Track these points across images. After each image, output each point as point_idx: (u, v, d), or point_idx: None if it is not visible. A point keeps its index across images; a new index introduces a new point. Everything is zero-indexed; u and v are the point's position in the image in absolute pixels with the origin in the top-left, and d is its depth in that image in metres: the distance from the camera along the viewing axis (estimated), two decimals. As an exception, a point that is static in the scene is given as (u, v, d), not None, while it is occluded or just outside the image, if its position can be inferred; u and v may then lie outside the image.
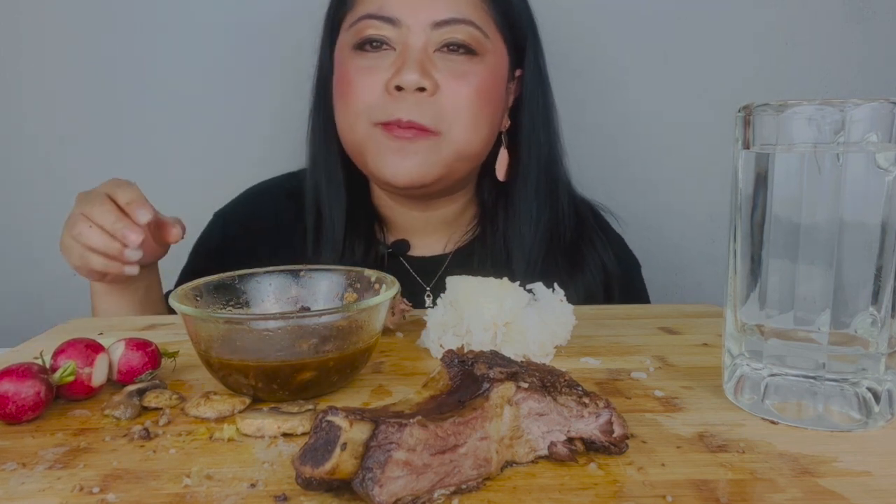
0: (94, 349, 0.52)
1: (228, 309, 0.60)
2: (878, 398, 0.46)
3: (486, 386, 0.40)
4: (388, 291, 0.55)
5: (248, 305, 0.61)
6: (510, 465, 0.41)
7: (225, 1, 1.21)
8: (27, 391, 0.47)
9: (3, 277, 1.25)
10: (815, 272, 0.45)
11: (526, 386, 0.41)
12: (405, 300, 0.72)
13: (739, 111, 0.48)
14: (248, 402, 0.51)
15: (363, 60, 0.88)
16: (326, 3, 0.96)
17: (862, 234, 0.44)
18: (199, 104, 1.23)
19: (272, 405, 0.50)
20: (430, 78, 0.84)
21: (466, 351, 0.45)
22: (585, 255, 0.97)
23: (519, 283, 0.64)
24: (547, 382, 0.43)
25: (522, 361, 0.45)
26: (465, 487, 0.38)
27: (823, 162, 0.44)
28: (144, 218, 0.76)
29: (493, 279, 0.64)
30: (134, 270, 0.79)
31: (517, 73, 0.96)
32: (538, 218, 0.95)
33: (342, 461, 0.35)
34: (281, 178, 1.06)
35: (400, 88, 0.84)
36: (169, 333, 0.71)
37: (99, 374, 0.52)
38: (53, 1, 1.19)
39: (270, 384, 0.50)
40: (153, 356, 0.56)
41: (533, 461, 0.42)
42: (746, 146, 0.48)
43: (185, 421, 0.49)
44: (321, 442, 0.36)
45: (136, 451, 0.44)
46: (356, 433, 0.36)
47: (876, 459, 0.42)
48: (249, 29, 1.21)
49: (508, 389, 0.41)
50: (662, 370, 0.59)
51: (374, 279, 0.60)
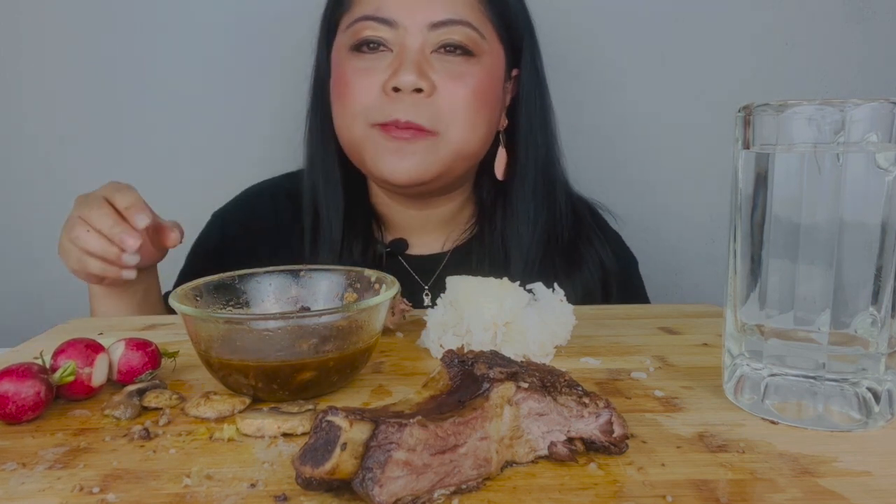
0: (94, 349, 0.52)
1: (228, 309, 0.60)
2: (878, 398, 0.46)
3: (486, 386, 0.40)
4: (388, 291, 0.55)
5: (248, 305, 0.61)
6: (510, 465, 0.41)
7: (225, 1, 1.21)
8: (27, 391, 0.47)
9: (3, 277, 1.25)
10: (815, 272, 0.45)
11: (526, 386, 0.41)
12: (405, 300, 0.72)
13: (739, 111, 0.48)
14: (248, 402, 0.51)
15: (360, 62, 0.88)
16: (325, 3, 0.96)
17: (862, 234, 0.44)
18: (198, 104, 1.23)
19: (272, 405, 0.50)
20: (427, 79, 0.84)
21: (466, 351, 0.45)
22: (583, 253, 0.97)
23: (518, 282, 0.65)
24: (547, 382, 0.43)
25: (522, 361, 0.45)
26: (465, 487, 0.38)
27: (823, 162, 0.44)
28: (143, 222, 0.76)
29: (493, 279, 0.64)
30: (131, 275, 0.79)
31: (514, 73, 0.96)
32: (536, 218, 0.95)
33: (342, 461, 0.35)
34: (279, 178, 1.06)
35: (397, 90, 0.84)
36: (169, 333, 0.71)
37: (99, 374, 0.52)
38: (53, 1, 1.19)
39: (270, 384, 0.50)
40: (153, 356, 0.56)
41: (533, 461, 0.42)
42: (746, 146, 0.48)
43: (185, 421, 0.49)
44: (321, 442, 0.36)
45: (136, 451, 0.44)
46: (356, 433, 0.36)
47: (876, 459, 0.42)
48: (249, 29, 1.21)
49: (508, 389, 0.41)
50: (662, 370, 0.59)
51: (374, 279, 0.60)
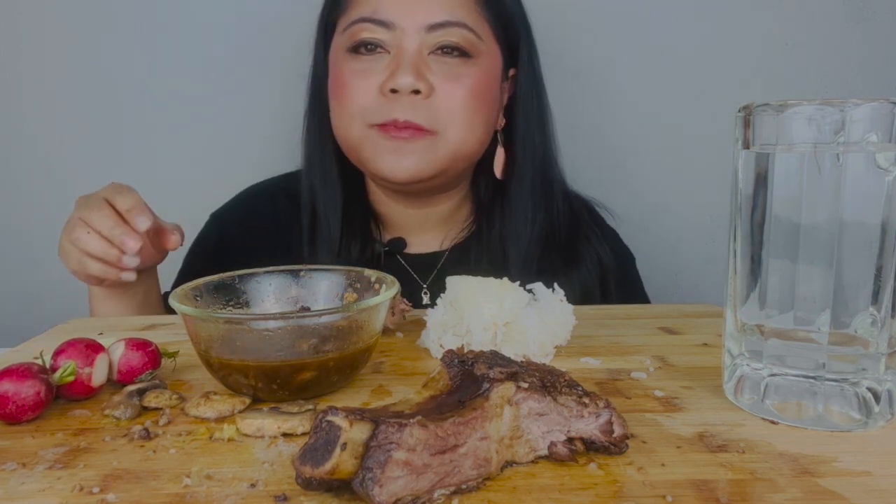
0: (94, 349, 0.52)
1: (228, 309, 0.60)
2: (878, 398, 0.46)
3: (486, 386, 0.40)
4: (388, 291, 0.55)
5: (248, 305, 0.61)
6: (510, 465, 0.41)
7: (225, 1, 1.21)
8: (27, 391, 0.47)
9: (3, 277, 1.25)
10: (815, 272, 0.45)
11: (526, 386, 0.41)
12: (405, 300, 0.72)
13: (739, 111, 0.48)
14: (248, 402, 0.51)
15: (358, 63, 0.88)
16: (322, 3, 0.96)
17: (862, 234, 0.44)
18: (198, 104, 1.23)
19: (272, 405, 0.50)
20: (424, 80, 0.85)
21: (466, 351, 0.45)
22: (581, 251, 0.98)
23: (518, 281, 0.64)
24: (547, 382, 0.43)
25: (522, 361, 0.45)
26: (465, 487, 0.38)
27: (823, 162, 0.44)
28: (144, 225, 0.76)
29: (493, 279, 0.64)
30: (131, 277, 0.79)
31: (511, 72, 0.96)
32: (534, 217, 0.95)
33: (342, 461, 0.35)
34: (277, 178, 1.06)
35: (395, 91, 0.84)
36: (169, 333, 0.71)
37: (99, 374, 0.52)
38: (53, 1, 1.19)
39: (270, 384, 0.50)
40: (153, 356, 0.56)
41: (533, 461, 0.42)
42: (746, 146, 0.48)
43: (185, 421, 0.49)
44: (321, 442, 0.36)
45: (136, 451, 0.44)
46: (356, 433, 0.36)
47: (876, 459, 0.42)
48: (249, 29, 1.21)
49: (508, 389, 0.41)
50: (662, 370, 0.59)
51: (374, 279, 0.60)
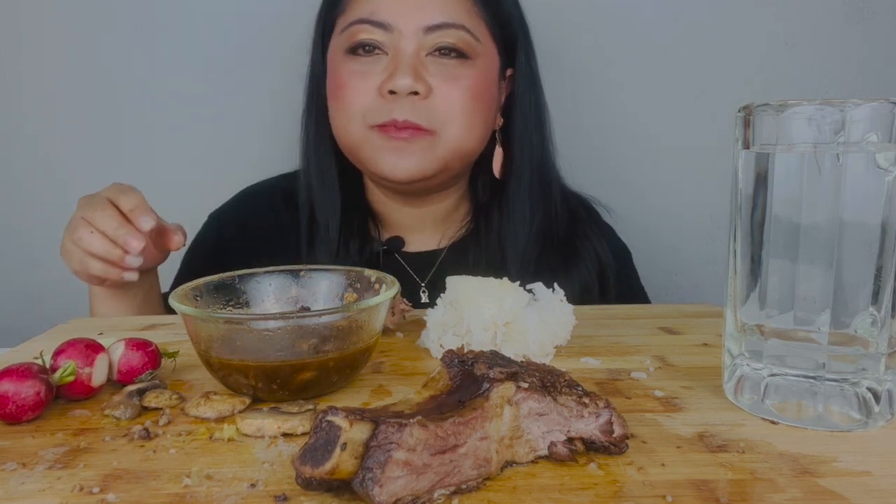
0: (94, 349, 0.52)
1: (228, 309, 0.60)
2: (878, 398, 0.46)
3: (486, 386, 0.40)
4: (388, 291, 0.55)
5: (248, 305, 0.61)
6: (510, 465, 0.41)
7: (225, 1, 1.21)
8: (27, 391, 0.47)
9: (3, 277, 1.25)
10: (815, 272, 0.45)
11: (526, 386, 0.41)
12: (405, 300, 0.72)
13: (739, 111, 0.48)
14: (248, 402, 0.51)
15: (356, 64, 0.88)
16: (320, 3, 0.96)
17: (862, 234, 0.44)
18: (198, 104, 1.23)
19: (272, 405, 0.50)
20: (422, 82, 0.85)
21: (466, 351, 0.45)
22: (579, 248, 0.98)
23: (518, 281, 0.64)
24: (547, 382, 0.43)
25: (522, 361, 0.45)
26: (465, 487, 0.38)
27: (823, 162, 0.44)
28: (147, 225, 0.76)
29: (492, 279, 0.64)
30: (133, 277, 0.79)
31: (508, 72, 0.96)
32: (532, 218, 0.96)
33: (342, 461, 0.35)
34: (275, 178, 1.06)
35: (393, 92, 0.85)
36: (169, 333, 0.71)
37: (99, 374, 0.52)
38: (53, 1, 1.19)
39: (270, 384, 0.50)
40: (153, 356, 0.56)
41: (533, 461, 0.42)
42: (746, 146, 0.48)
43: (185, 421, 0.49)
44: (321, 442, 0.36)
45: (136, 451, 0.44)
46: (356, 433, 0.36)
47: (876, 459, 0.42)
48: (249, 29, 1.21)
49: (508, 389, 0.41)
50: (662, 370, 0.59)
51: (374, 279, 0.60)
